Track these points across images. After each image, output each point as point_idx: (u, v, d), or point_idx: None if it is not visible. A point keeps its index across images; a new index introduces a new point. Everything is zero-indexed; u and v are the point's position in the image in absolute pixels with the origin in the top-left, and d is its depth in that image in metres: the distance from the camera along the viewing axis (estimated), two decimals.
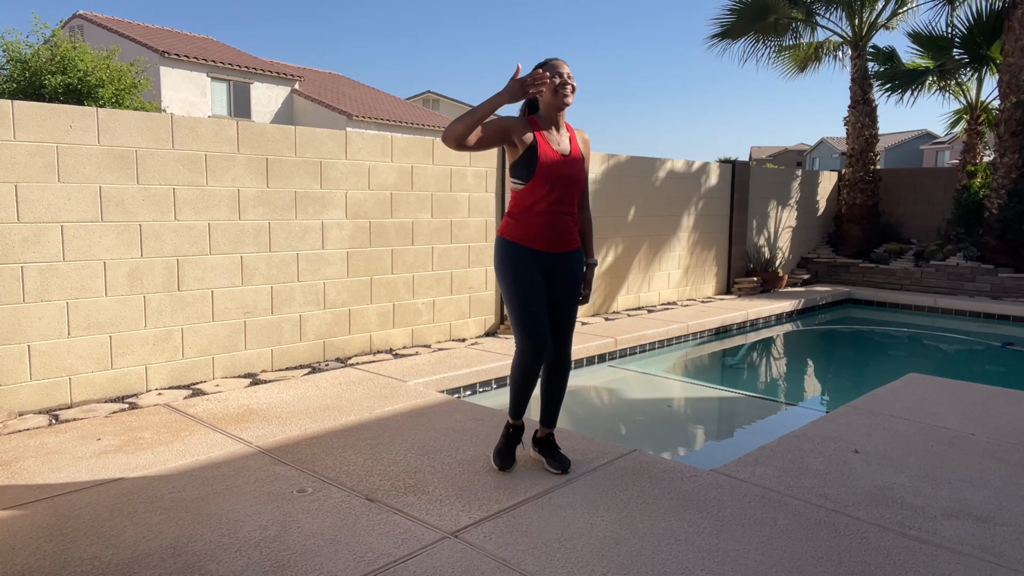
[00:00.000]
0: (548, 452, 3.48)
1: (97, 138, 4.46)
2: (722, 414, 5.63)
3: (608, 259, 8.22)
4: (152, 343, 4.78)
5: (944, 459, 3.69)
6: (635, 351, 6.90)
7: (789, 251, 11.41)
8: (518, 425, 3.47)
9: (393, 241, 6.06)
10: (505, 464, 3.40)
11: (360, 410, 4.38)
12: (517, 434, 3.48)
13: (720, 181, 9.82)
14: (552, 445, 3.51)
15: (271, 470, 3.43)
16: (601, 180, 7.99)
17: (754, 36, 11.88)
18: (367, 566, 2.56)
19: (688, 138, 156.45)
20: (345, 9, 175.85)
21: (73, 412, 4.33)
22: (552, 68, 3.14)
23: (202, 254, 4.96)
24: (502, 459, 3.42)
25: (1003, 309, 9.03)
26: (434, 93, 36.63)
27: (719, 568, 2.58)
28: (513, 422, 3.46)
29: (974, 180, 11.12)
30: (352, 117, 25.07)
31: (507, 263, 3.23)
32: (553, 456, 3.45)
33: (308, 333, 5.59)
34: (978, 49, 11.33)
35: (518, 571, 2.54)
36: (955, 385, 5.18)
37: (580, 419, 5.27)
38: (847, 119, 11.81)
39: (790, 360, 7.61)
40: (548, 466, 3.43)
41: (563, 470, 3.38)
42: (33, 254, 4.26)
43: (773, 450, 3.78)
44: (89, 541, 2.73)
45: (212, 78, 24.52)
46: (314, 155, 5.50)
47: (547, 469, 3.42)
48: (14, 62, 14.62)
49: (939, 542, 2.80)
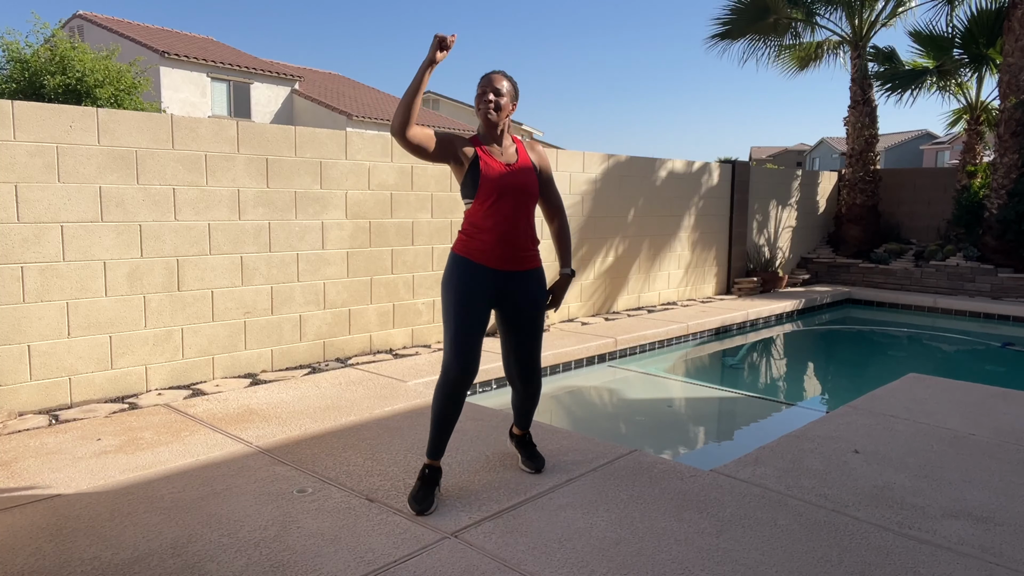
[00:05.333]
0: (524, 449, 3.48)
1: (97, 138, 4.46)
2: (722, 414, 5.63)
3: (608, 259, 8.22)
4: (152, 343, 4.78)
5: (944, 459, 3.69)
6: (635, 351, 6.90)
7: (789, 251, 11.41)
8: (435, 466, 3.09)
9: (393, 241, 6.06)
10: (423, 507, 2.96)
11: (360, 410, 4.38)
12: (434, 475, 3.08)
13: (720, 181, 9.82)
14: (528, 443, 3.50)
15: (271, 470, 3.43)
16: (601, 180, 7.99)
17: (754, 36, 11.88)
18: (367, 566, 2.56)
19: (688, 138, 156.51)
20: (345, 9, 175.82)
21: (73, 412, 4.33)
22: (481, 82, 3.05)
23: (202, 254, 4.96)
24: (418, 503, 2.97)
25: (1003, 309, 9.03)
26: (434, 93, 36.61)
27: (719, 568, 2.58)
28: (429, 462, 3.09)
29: (974, 180, 11.12)
30: (352, 117, 25.08)
31: (451, 277, 3.05)
32: (529, 455, 3.44)
33: (308, 333, 5.59)
34: (978, 49, 11.33)
35: (518, 571, 2.54)
36: (955, 385, 5.18)
37: (580, 419, 5.27)
38: (847, 119, 11.81)
39: (790, 360, 7.61)
40: (522, 464, 3.44)
41: (536, 469, 3.39)
42: (33, 254, 4.26)
43: (773, 450, 3.78)
44: (89, 541, 2.73)
45: (212, 78, 24.52)
46: (314, 155, 5.50)
47: (521, 467, 3.44)
48: (14, 62, 14.61)
49: (939, 542, 2.80)
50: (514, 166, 3.09)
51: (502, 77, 3.07)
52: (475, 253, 3.06)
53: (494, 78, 3.06)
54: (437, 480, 3.10)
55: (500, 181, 3.03)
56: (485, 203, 3.03)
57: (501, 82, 3.05)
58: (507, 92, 3.07)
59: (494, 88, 3.04)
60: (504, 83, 3.06)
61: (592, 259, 8.02)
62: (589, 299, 8.05)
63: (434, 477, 3.08)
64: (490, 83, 3.05)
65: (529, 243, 3.14)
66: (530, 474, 3.39)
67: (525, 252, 3.13)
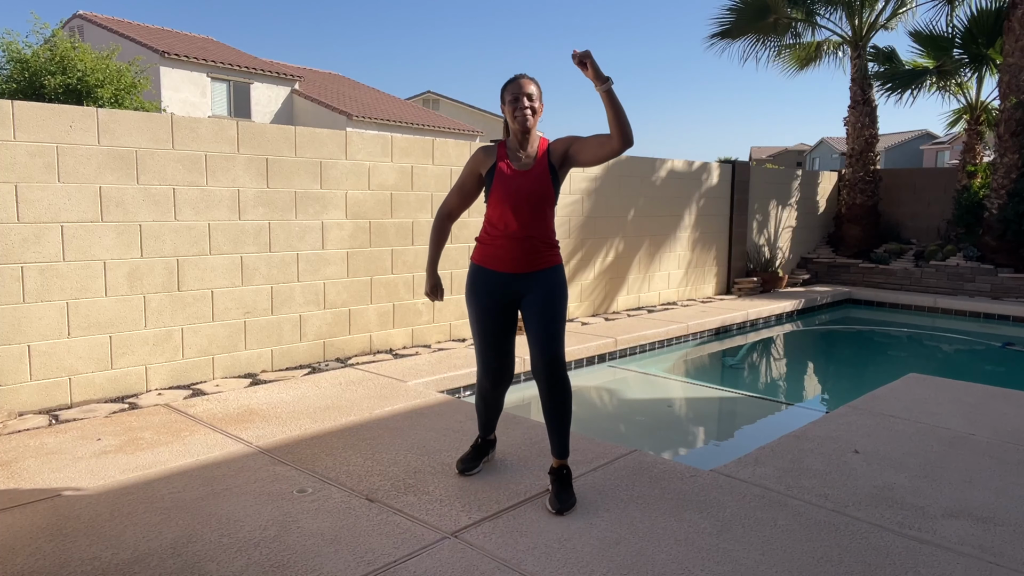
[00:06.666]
0: (555, 486, 3.08)
1: (97, 138, 4.46)
2: (722, 414, 5.63)
3: (608, 259, 8.22)
4: (152, 343, 4.78)
5: (944, 459, 3.69)
6: (635, 351, 6.90)
7: (789, 251, 11.41)
8: (487, 440, 3.49)
9: (393, 241, 6.06)
10: (464, 467, 3.39)
11: (360, 410, 4.38)
12: (485, 446, 3.48)
13: (720, 181, 9.82)
14: (562, 479, 3.09)
15: (271, 470, 3.43)
16: (601, 180, 7.99)
17: (754, 36, 11.88)
18: (367, 566, 2.56)
19: (688, 138, 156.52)
20: (345, 9, 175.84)
21: (73, 412, 4.33)
22: (512, 88, 3.02)
23: (202, 254, 4.96)
24: (463, 462, 3.41)
25: (1003, 309, 9.03)
26: (434, 93, 36.62)
27: (719, 568, 2.58)
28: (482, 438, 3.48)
29: (974, 180, 11.12)
30: (352, 117, 25.07)
31: (472, 290, 3.16)
32: (556, 494, 3.04)
33: (308, 333, 5.59)
34: (978, 49, 11.34)
35: (518, 571, 2.54)
36: (955, 385, 5.18)
37: (580, 419, 5.27)
38: (847, 119, 11.81)
39: (790, 360, 7.61)
40: (548, 503, 3.04)
41: (558, 511, 2.96)
42: (33, 254, 4.26)
43: (773, 450, 3.78)
44: (89, 541, 2.73)
45: (212, 78, 24.52)
46: (314, 155, 5.50)
47: (546, 507, 3.04)
48: (14, 62, 14.61)
49: (939, 542, 2.80)
50: (530, 172, 3.06)
51: (530, 81, 3.05)
52: (490, 260, 3.11)
53: (523, 83, 3.02)
54: (487, 451, 3.48)
55: (513, 189, 3.03)
56: (498, 210, 3.06)
57: (530, 87, 3.03)
58: (538, 96, 3.07)
59: (527, 94, 3.01)
60: (533, 87, 3.04)
61: (592, 259, 8.02)
62: (589, 299, 8.05)
63: (485, 448, 3.47)
64: (521, 89, 3.01)
65: (543, 247, 3.11)
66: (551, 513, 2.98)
67: (539, 254, 3.11)
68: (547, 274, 3.12)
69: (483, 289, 3.12)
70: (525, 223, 3.04)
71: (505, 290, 3.10)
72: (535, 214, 3.05)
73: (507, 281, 3.10)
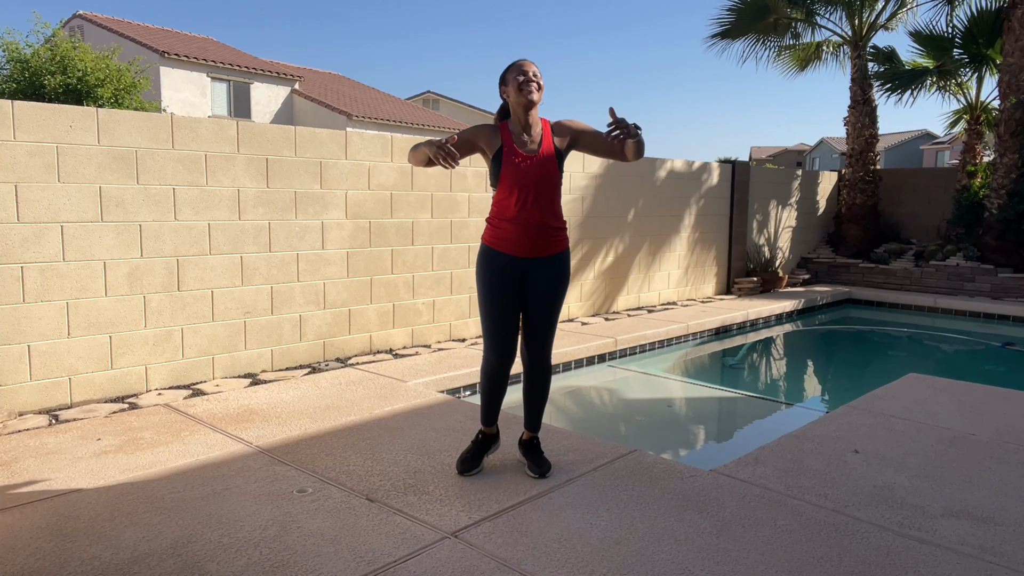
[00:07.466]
0: (530, 455, 3.44)
1: (97, 138, 4.46)
2: (722, 414, 5.63)
3: (608, 259, 8.22)
4: (152, 343, 4.78)
5: (944, 459, 3.69)
6: (635, 351, 6.90)
7: (789, 251, 11.41)
8: (489, 433, 3.46)
9: (393, 241, 6.06)
10: (464, 468, 3.37)
11: (360, 410, 4.38)
12: (486, 441, 3.45)
13: (720, 181, 9.82)
14: (535, 448, 3.46)
15: (271, 470, 3.43)
16: (601, 180, 7.98)
17: (754, 36, 11.89)
18: (367, 566, 2.56)
19: (688, 138, 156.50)
20: (345, 9, 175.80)
21: (73, 412, 4.33)
22: (516, 68, 3.14)
23: (202, 254, 4.96)
24: (463, 463, 3.39)
25: (1003, 309, 9.03)
26: (434, 93, 36.63)
27: (719, 568, 2.58)
28: (484, 429, 3.45)
29: (974, 180, 11.12)
30: (352, 117, 25.07)
31: (481, 268, 3.27)
32: (535, 460, 3.40)
33: (308, 333, 5.59)
34: (978, 49, 11.34)
35: (518, 571, 2.54)
36: (955, 385, 5.18)
37: (580, 419, 5.27)
38: (847, 119, 11.81)
39: (790, 360, 7.61)
40: (528, 469, 3.39)
41: (540, 474, 3.33)
42: (33, 254, 4.26)
43: (773, 450, 3.78)
44: (89, 541, 2.73)
45: (212, 78, 24.52)
46: (314, 155, 5.50)
47: (527, 473, 3.39)
48: (14, 62, 14.61)
49: (939, 542, 2.80)
50: (537, 156, 3.17)
51: (531, 63, 3.18)
52: (500, 243, 3.21)
53: (526, 64, 3.16)
54: (488, 447, 3.46)
55: (522, 173, 3.14)
56: (507, 194, 3.16)
57: (533, 66, 3.17)
58: (540, 75, 3.19)
59: (533, 71, 3.14)
60: (534, 67, 3.17)
61: (592, 259, 8.02)
62: (589, 299, 8.05)
63: (486, 443, 3.45)
64: (525, 68, 3.14)
65: (552, 230, 3.23)
66: (534, 478, 3.34)
67: (549, 239, 3.23)
68: (554, 260, 3.28)
69: (492, 268, 3.24)
70: (534, 208, 3.17)
71: (514, 271, 3.23)
72: (545, 198, 3.19)
73: (516, 263, 3.22)
